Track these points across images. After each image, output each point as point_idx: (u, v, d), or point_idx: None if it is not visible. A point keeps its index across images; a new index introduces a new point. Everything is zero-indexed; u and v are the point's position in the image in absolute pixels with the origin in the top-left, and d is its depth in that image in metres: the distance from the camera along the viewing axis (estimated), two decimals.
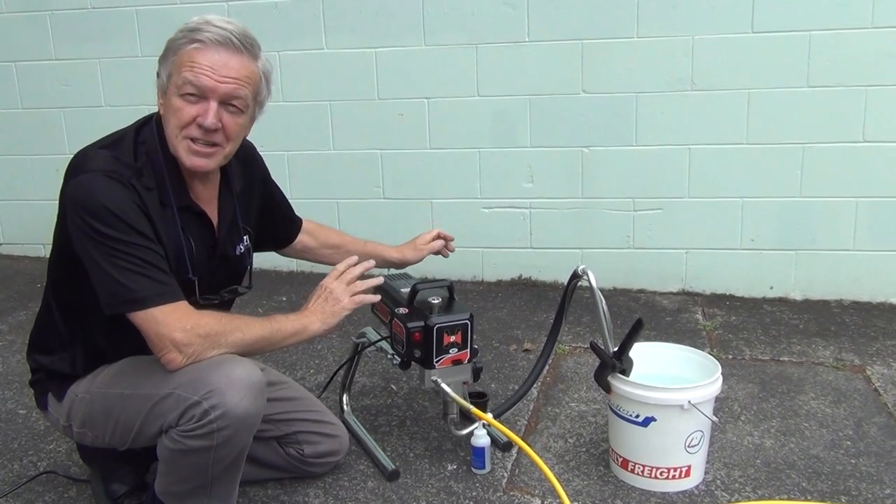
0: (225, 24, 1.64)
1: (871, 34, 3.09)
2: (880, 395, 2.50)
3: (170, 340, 1.56)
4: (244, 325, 1.66)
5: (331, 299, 1.78)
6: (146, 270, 1.56)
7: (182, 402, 1.56)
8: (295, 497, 1.99)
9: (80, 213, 1.55)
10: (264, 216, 2.01)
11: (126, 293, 1.55)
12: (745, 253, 3.42)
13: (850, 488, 1.99)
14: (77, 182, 1.58)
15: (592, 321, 3.10)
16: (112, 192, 1.56)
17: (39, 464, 2.18)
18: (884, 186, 3.22)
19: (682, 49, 3.26)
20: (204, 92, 1.61)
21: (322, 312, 1.77)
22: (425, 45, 3.50)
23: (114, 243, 1.55)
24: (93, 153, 1.64)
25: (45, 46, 3.92)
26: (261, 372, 1.65)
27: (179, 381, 1.58)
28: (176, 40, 1.64)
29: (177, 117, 1.63)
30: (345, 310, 1.79)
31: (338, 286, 1.81)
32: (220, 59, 1.61)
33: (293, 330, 1.72)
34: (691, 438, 1.93)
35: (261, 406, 1.63)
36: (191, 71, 1.60)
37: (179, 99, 1.62)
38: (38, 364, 1.81)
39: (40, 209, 4.08)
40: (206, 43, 1.60)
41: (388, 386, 2.62)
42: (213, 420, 1.55)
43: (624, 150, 3.41)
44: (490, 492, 2.00)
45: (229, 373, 1.57)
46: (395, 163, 3.68)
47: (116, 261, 1.55)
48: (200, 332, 1.58)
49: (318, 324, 1.75)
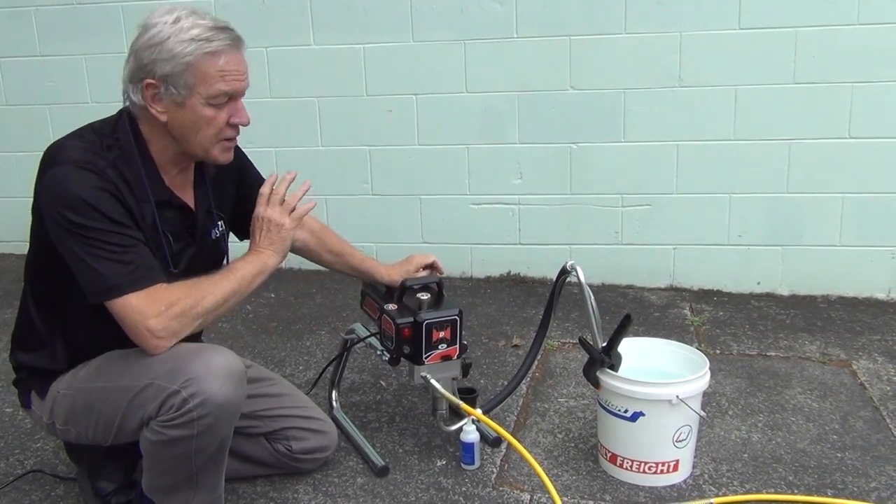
0: (213, 22, 1.64)
1: (857, 31, 3.11)
2: (866, 389, 2.52)
3: (145, 327, 1.56)
4: (213, 286, 1.66)
5: (273, 227, 1.77)
6: (121, 257, 1.57)
7: (161, 392, 1.56)
8: (284, 493, 1.99)
9: (56, 205, 1.56)
10: (244, 200, 1.97)
11: (102, 281, 1.56)
12: (732, 249, 3.43)
13: (837, 482, 2.01)
14: (51, 175, 1.58)
15: (581, 317, 3.10)
16: (85, 183, 1.56)
17: (26, 462, 2.16)
18: (870, 182, 3.24)
19: (669, 45, 3.26)
20: (234, 95, 1.67)
21: (271, 243, 1.76)
22: (413, 41, 3.50)
23: (91, 233, 1.55)
24: (65, 144, 1.64)
25: (30, 43, 3.88)
26: (240, 360, 1.65)
27: (158, 372, 1.58)
28: (184, 53, 1.59)
29: (212, 126, 1.67)
30: (290, 231, 1.78)
31: (273, 211, 1.77)
32: (239, 59, 1.67)
33: (255, 271, 1.72)
34: (679, 433, 1.94)
35: (241, 394, 1.63)
36: (223, 81, 1.64)
37: (210, 108, 1.65)
38: (19, 362, 1.80)
39: (25, 207, 3.97)
40: (224, 50, 1.63)
41: (378, 382, 2.62)
42: (192, 409, 1.55)
43: (612, 146, 3.42)
44: (479, 487, 2.00)
45: (208, 361, 1.58)
46: (384, 159, 3.67)
47: (94, 250, 1.55)
48: (174, 312, 1.58)
49: (273, 256, 1.76)
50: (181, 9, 1.64)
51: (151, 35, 1.61)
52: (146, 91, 1.63)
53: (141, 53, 1.62)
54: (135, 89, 1.65)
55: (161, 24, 1.61)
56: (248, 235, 1.90)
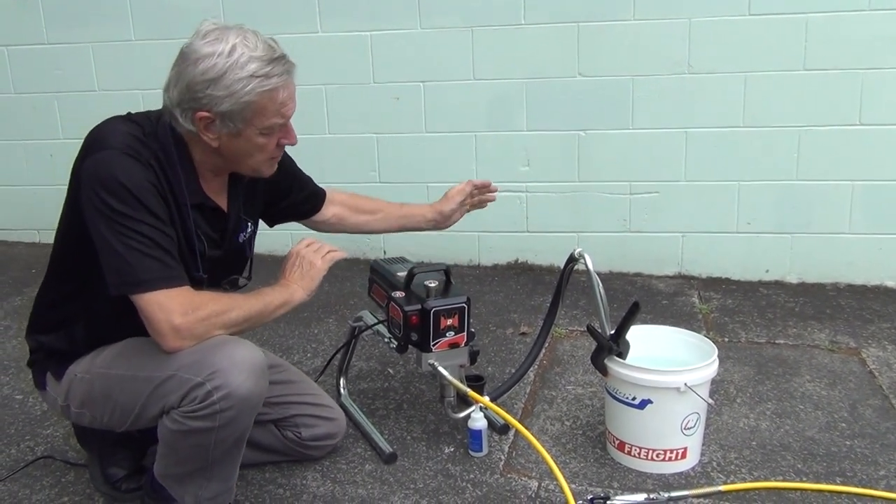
0: (266, 49, 1.62)
1: (868, 17, 3.08)
2: (875, 377, 2.51)
3: (169, 326, 1.55)
4: (239, 302, 1.67)
5: (305, 264, 1.82)
6: (155, 252, 1.56)
7: (185, 384, 1.56)
8: (293, 480, 2.00)
9: (97, 188, 1.54)
10: (278, 194, 2.01)
11: (133, 274, 1.54)
12: (741, 236, 3.42)
13: (845, 469, 2.00)
14: (98, 158, 1.57)
15: (589, 304, 3.10)
16: (131, 171, 1.56)
17: (36, 448, 2.17)
18: (880, 170, 3.22)
19: (679, 32, 3.24)
20: (287, 121, 1.71)
21: (301, 279, 1.80)
22: (421, 28, 3.48)
23: (126, 221, 1.54)
24: (114, 129, 1.62)
25: (37, 31, 3.88)
26: (262, 353, 1.65)
27: (182, 363, 1.57)
28: (243, 92, 1.57)
29: (264, 152, 1.71)
30: (321, 271, 1.83)
31: (307, 251, 1.85)
32: (293, 87, 1.69)
33: (281, 301, 1.75)
34: (687, 421, 1.94)
35: (263, 387, 1.63)
36: (280, 116, 1.67)
37: (262, 137, 1.68)
38: (37, 343, 1.80)
39: (34, 195, 4.07)
40: (282, 85, 1.64)
41: (385, 369, 2.62)
42: (216, 401, 1.55)
43: (621, 133, 3.40)
44: (487, 474, 2.01)
45: (232, 354, 1.57)
46: (391, 146, 3.67)
47: (127, 240, 1.54)
48: (200, 316, 1.58)
49: (300, 292, 1.79)
50: (230, 32, 1.59)
51: (206, 68, 1.56)
52: (199, 122, 1.61)
53: (195, 86, 1.57)
54: (185, 116, 1.61)
55: (215, 55, 1.56)
56: (285, 220, 2.02)
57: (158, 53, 3.84)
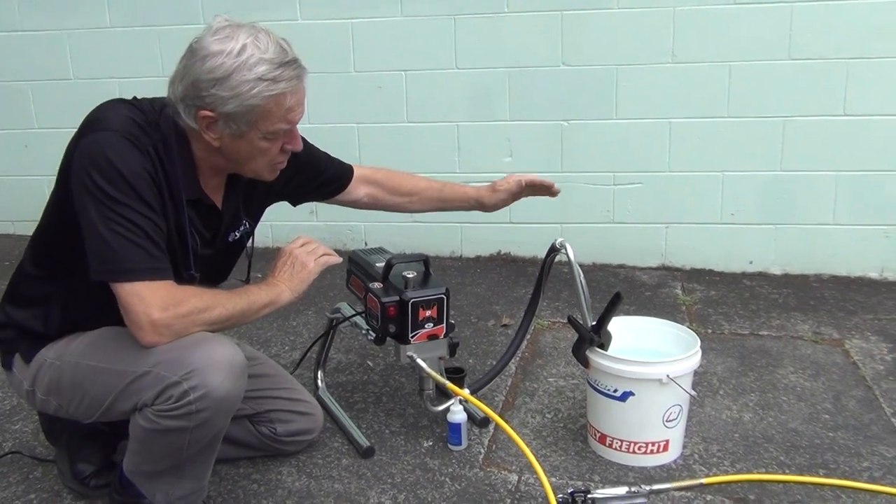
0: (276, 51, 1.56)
1: (853, 7, 3.06)
2: (858, 368, 2.49)
3: (147, 319, 1.50)
4: (223, 299, 1.62)
5: (297, 265, 1.77)
6: (142, 241, 1.51)
7: (160, 382, 1.51)
8: (267, 475, 1.96)
9: (90, 168, 1.49)
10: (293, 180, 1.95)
11: (116, 261, 1.49)
12: (724, 227, 3.40)
13: (828, 461, 1.99)
14: (94, 138, 1.51)
15: (571, 296, 3.07)
16: (128, 155, 1.51)
17: (4, 444, 2.12)
18: (864, 161, 3.21)
19: (662, 21, 3.21)
20: (292, 126, 1.66)
21: (290, 280, 1.75)
22: (402, 15, 3.43)
23: (116, 206, 1.49)
24: (116, 111, 1.57)
25: (11, 17, 3.80)
26: (242, 353, 1.60)
27: (159, 360, 1.52)
28: (250, 94, 1.52)
29: (267, 156, 1.65)
30: (311, 274, 1.78)
31: (301, 251, 1.79)
32: (302, 93, 1.63)
33: (267, 300, 1.69)
34: (669, 413, 1.92)
35: (241, 388, 1.59)
36: (285, 121, 1.61)
37: (265, 141, 1.62)
38: (9, 318, 1.72)
39: (8, 186, 3.98)
40: (290, 90, 1.58)
41: (364, 362, 2.58)
42: (192, 401, 1.51)
43: (604, 123, 3.37)
44: (467, 468, 1.97)
45: (211, 353, 1.53)
46: (373, 136, 3.62)
47: (114, 225, 1.49)
48: (181, 312, 1.53)
49: (287, 293, 1.74)
50: (242, 31, 1.53)
51: (213, 66, 1.50)
52: (201, 120, 1.55)
53: (200, 84, 1.52)
54: (188, 113, 1.56)
55: (224, 54, 1.50)
56: (307, 200, 2.02)
57: (135, 41, 3.84)
